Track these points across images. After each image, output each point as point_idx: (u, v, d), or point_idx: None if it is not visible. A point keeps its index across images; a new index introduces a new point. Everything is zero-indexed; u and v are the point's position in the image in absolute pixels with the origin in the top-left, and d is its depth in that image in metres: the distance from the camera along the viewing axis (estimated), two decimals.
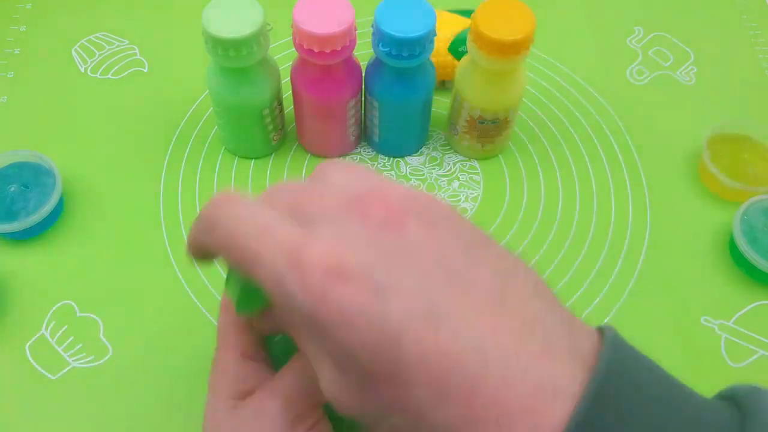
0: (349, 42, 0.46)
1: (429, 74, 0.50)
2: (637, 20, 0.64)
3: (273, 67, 0.50)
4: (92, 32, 0.62)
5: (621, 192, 0.54)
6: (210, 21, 0.45)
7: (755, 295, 0.50)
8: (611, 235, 0.52)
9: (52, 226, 0.51)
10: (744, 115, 0.58)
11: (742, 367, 0.47)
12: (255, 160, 0.55)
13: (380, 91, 0.50)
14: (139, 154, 0.55)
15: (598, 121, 0.58)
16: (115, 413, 0.44)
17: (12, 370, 0.45)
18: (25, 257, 0.50)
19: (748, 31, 0.64)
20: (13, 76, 0.59)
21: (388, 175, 0.55)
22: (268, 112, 0.51)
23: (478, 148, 0.55)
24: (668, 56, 0.62)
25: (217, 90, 0.49)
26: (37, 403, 0.44)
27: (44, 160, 0.51)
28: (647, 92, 0.60)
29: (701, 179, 0.55)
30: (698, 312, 0.49)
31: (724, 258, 0.51)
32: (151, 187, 0.53)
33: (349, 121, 0.53)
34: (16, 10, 0.63)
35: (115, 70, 0.59)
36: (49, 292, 0.48)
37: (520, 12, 0.47)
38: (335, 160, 0.38)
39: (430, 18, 0.46)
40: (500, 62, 0.47)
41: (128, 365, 0.46)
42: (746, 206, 0.51)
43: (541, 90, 0.60)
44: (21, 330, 0.47)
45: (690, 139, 0.57)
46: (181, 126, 0.56)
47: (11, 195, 0.50)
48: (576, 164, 0.56)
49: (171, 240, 0.51)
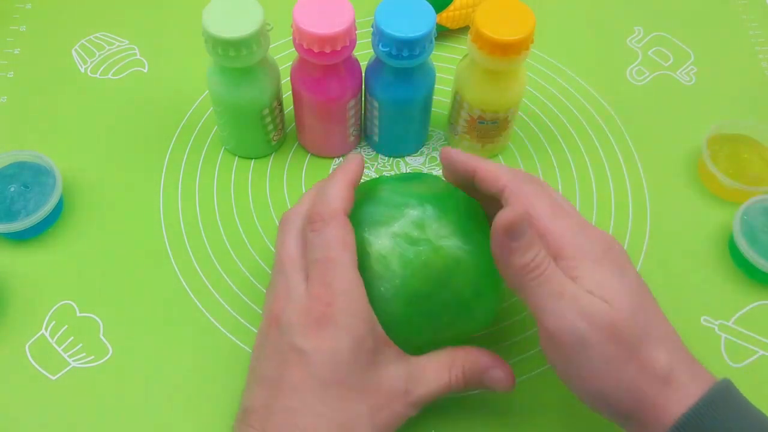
0: (349, 42, 0.46)
1: (429, 74, 0.50)
2: (637, 20, 0.64)
3: (273, 67, 0.50)
4: (92, 32, 0.62)
5: (621, 192, 0.54)
6: (210, 21, 0.45)
7: (755, 295, 0.50)
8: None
9: (52, 226, 0.51)
10: (744, 115, 0.58)
11: (742, 367, 0.47)
12: (255, 160, 0.55)
13: (380, 91, 0.50)
14: (139, 154, 0.55)
15: (598, 121, 0.58)
16: (115, 413, 0.44)
17: (12, 370, 0.45)
18: (25, 257, 0.50)
19: (748, 31, 0.64)
20: (13, 76, 0.59)
21: (387, 175, 0.55)
22: (268, 112, 0.51)
23: (478, 148, 0.55)
24: (668, 56, 0.62)
25: (217, 90, 0.49)
26: (37, 403, 0.44)
27: (44, 160, 0.51)
28: (647, 92, 0.60)
29: (701, 179, 0.55)
30: (698, 312, 0.49)
31: (724, 258, 0.51)
32: (151, 187, 0.53)
33: (349, 121, 0.53)
34: (16, 10, 0.63)
35: (115, 70, 0.59)
36: (49, 292, 0.48)
37: (520, 12, 0.47)
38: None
39: (430, 18, 0.46)
40: (500, 62, 0.47)
41: (128, 365, 0.46)
42: (746, 206, 0.51)
43: (541, 90, 0.60)
44: (21, 330, 0.47)
45: (690, 139, 0.57)
46: (181, 126, 0.56)
47: (11, 195, 0.50)
48: (576, 164, 0.56)
49: (171, 240, 0.51)
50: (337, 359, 0.36)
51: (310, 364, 0.36)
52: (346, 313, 0.36)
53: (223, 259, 0.50)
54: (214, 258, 0.50)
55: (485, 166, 0.40)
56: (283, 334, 0.37)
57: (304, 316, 0.36)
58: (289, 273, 0.39)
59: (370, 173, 0.55)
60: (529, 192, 0.39)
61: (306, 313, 0.37)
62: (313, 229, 0.39)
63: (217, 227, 0.52)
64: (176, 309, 0.48)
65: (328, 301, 0.36)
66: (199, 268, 0.50)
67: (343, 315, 0.36)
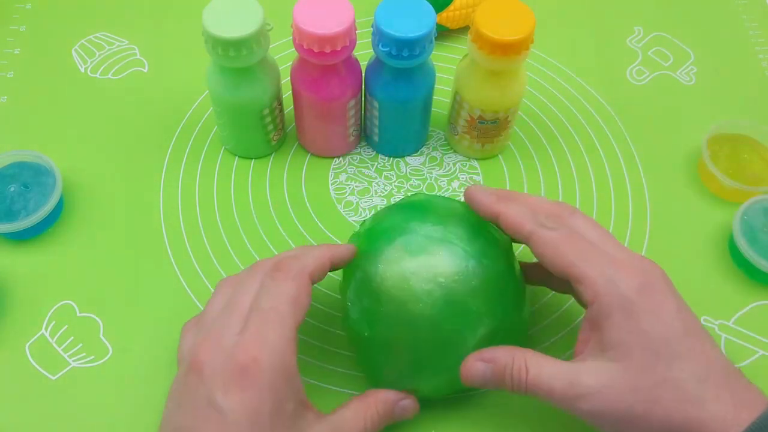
0: (349, 42, 0.46)
1: (429, 74, 0.50)
2: (637, 20, 0.64)
3: (273, 67, 0.50)
4: (92, 32, 0.62)
5: (621, 192, 0.54)
6: (210, 21, 0.45)
7: (755, 295, 0.50)
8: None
9: (52, 226, 0.51)
10: (744, 115, 0.58)
11: (742, 367, 0.47)
12: (255, 160, 0.55)
13: (380, 91, 0.50)
14: (139, 154, 0.55)
15: (598, 121, 0.58)
16: (115, 413, 0.44)
17: (12, 370, 0.45)
18: (25, 257, 0.50)
19: (748, 31, 0.64)
20: (13, 76, 0.59)
21: (387, 175, 0.55)
22: (268, 112, 0.51)
23: (477, 148, 0.55)
24: (668, 56, 0.62)
25: (217, 90, 0.49)
26: (37, 403, 0.44)
27: (44, 160, 0.51)
28: (647, 92, 0.60)
29: (701, 179, 0.55)
30: (698, 312, 0.48)
31: (724, 258, 0.51)
32: (151, 187, 0.53)
33: (349, 121, 0.53)
34: (16, 10, 0.63)
35: (115, 70, 0.59)
36: (49, 292, 0.48)
37: (520, 12, 0.47)
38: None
39: (430, 18, 0.46)
40: (500, 62, 0.47)
41: (128, 365, 0.46)
42: (746, 206, 0.51)
43: (541, 90, 0.60)
44: (21, 330, 0.47)
45: (690, 139, 0.57)
46: (181, 126, 0.56)
47: (11, 195, 0.50)
48: (576, 164, 0.56)
49: (171, 240, 0.51)
50: (256, 423, 0.34)
51: (227, 424, 0.34)
52: (272, 371, 0.35)
53: (223, 259, 0.50)
54: (214, 258, 0.50)
55: (508, 211, 0.41)
56: (204, 384, 0.35)
57: (229, 367, 0.35)
58: (232, 317, 0.37)
59: (370, 173, 0.55)
60: (555, 240, 0.39)
61: (231, 363, 0.35)
62: (274, 278, 0.38)
63: (217, 227, 0.52)
64: (176, 309, 0.48)
65: (255, 357, 0.35)
66: (199, 268, 0.50)
67: (269, 373, 0.35)
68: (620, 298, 0.36)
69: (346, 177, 0.54)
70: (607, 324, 0.37)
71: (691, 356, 0.36)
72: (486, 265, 0.41)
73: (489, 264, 0.41)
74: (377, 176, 0.55)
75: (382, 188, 0.54)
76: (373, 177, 0.54)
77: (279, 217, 0.52)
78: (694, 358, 0.36)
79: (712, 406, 0.35)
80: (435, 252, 0.40)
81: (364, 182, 0.54)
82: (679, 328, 0.36)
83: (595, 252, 0.38)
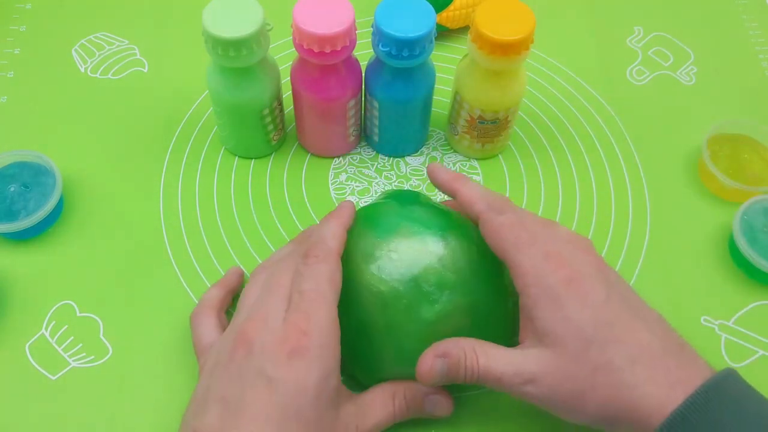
0: (349, 42, 0.46)
1: (429, 74, 0.50)
2: (637, 20, 0.64)
3: (273, 67, 0.50)
4: (92, 32, 0.62)
5: (621, 192, 0.54)
6: (210, 21, 0.45)
7: (755, 295, 0.50)
8: (611, 235, 0.52)
9: (52, 226, 0.51)
10: (744, 115, 0.58)
11: (742, 367, 0.47)
12: (255, 160, 0.55)
13: (380, 91, 0.50)
14: (139, 154, 0.55)
15: (597, 121, 0.58)
16: (115, 413, 0.44)
17: (12, 370, 0.45)
18: (25, 257, 0.50)
19: (748, 31, 0.64)
20: (13, 76, 0.59)
21: (388, 175, 0.55)
22: (268, 112, 0.51)
23: (478, 148, 0.55)
24: (668, 56, 0.62)
25: (217, 90, 0.49)
26: (37, 403, 0.44)
27: (44, 160, 0.51)
28: (647, 92, 0.60)
29: (701, 179, 0.55)
30: (698, 312, 0.49)
31: (724, 258, 0.51)
32: (151, 187, 0.53)
33: (349, 121, 0.53)
34: (16, 10, 0.63)
35: (115, 70, 0.59)
36: (49, 292, 0.48)
37: (520, 12, 0.47)
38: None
39: (430, 18, 0.46)
40: (500, 62, 0.47)
41: (128, 365, 0.46)
42: (746, 206, 0.51)
43: (541, 90, 0.60)
44: (21, 330, 0.47)
45: (690, 139, 0.57)
46: (181, 126, 0.56)
47: (11, 195, 0.50)
48: (576, 164, 0.56)
49: (171, 240, 0.51)
50: (303, 393, 0.36)
51: (275, 394, 0.35)
52: (320, 346, 0.37)
53: (223, 259, 0.50)
54: (214, 258, 0.50)
55: (463, 189, 0.43)
56: (254, 358, 0.37)
57: (279, 344, 0.36)
58: (274, 298, 0.39)
59: (370, 173, 0.55)
60: (502, 223, 0.40)
61: (281, 341, 0.37)
62: (307, 263, 0.40)
63: (217, 227, 0.52)
64: (176, 309, 0.48)
65: (305, 331, 0.37)
66: (199, 268, 0.50)
67: (317, 348, 0.37)
68: (547, 289, 0.37)
69: (346, 177, 0.54)
70: (537, 313, 0.38)
71: (624, 339, 0.36)
72: (449, 241, 0.42)
73: (453, 240, 0.42)
74: (377, 176, 0.55)
75: (382, 188, 0.54)
76: (373, 177, 0.54)
77: (279, 217, 0.52)
78: (626, 341, 0.36)
79: (646, 388, 0.35)
80: (394, 232, 0.42)
81: (364, 182, 0.54)
82: (608, 314, 0.37)
83: (533, 243, 0.39)
